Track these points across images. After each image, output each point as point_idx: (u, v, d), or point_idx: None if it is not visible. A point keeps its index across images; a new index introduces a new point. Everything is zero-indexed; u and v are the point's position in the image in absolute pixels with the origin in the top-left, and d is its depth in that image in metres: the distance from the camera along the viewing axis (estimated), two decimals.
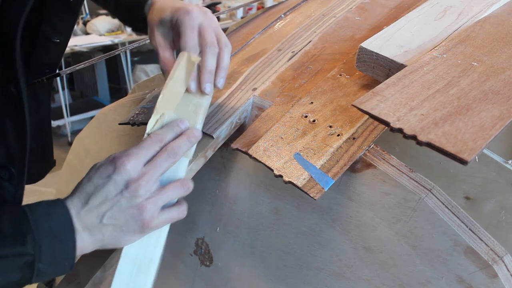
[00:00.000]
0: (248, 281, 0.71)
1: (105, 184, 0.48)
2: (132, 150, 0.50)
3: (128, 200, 0.49)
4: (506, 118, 0.47)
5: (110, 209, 0.48)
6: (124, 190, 0.48)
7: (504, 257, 0.51)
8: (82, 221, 0.48)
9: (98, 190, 0.49)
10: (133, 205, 0.49)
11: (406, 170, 0.54)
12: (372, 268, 0.58)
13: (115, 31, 3.90)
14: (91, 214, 0.48)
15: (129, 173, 0.49)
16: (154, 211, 0.50)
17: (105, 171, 0.49)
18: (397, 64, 0.60)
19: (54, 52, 0.70)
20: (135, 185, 0.48)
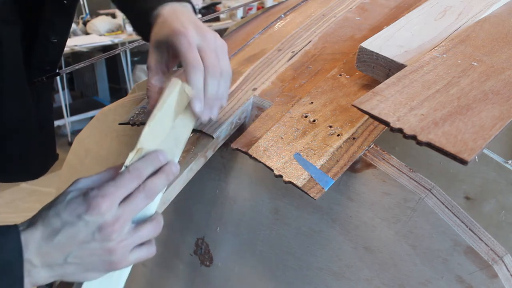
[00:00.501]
0: (248, 281, 0.71)
1: (75, 224, 0.45)
2: (108, 189, 0.46)
3: (100, 243, 0.46)
4: (506, 118, 0.47)
5: (77, 249, 0.45)
6: (96, 233, 0.45)
7: (504, 257, 0.51)
8: (43, 257, 0.45)
9: (66, 228, 0.45)
10: (104, 248, 0.46)
11: (406, 170, 0.54)
12: (372, 268, 0.58)
13: (115, 31, 3.90)
14: (54, 252, 0.45)
15: (103, 217, 0.45)
16: (124, 253, 0.47)
17: (76, 209, 0.45)
18: (397, 64, 0.60)
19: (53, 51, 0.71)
20: (109, 229, 0.45)
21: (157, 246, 0.83)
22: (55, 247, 0.45)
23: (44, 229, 0.45)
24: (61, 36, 0.70)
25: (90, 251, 0.46)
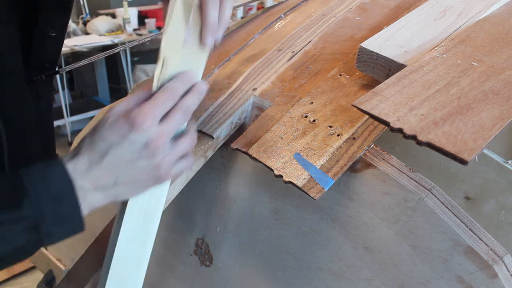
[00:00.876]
0: (248, 281, 0.71)
1: (120, 144, 0.46)
2: (149, 108, 0.47)
3: (146, 160, 0.47)
4: (506, 118, 0.47)
5: (126, 168, 0.47)
6: (142, 150, 0.46)
7: (504, 257, 0.51)
8: (95, 181, 0.46)
9: (113, 149, 0.46)
10: (150, 164, 0.47)
11: (406, 170, 0.54)
12: (372, 268, 0.58)
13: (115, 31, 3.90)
14: (105, 175, 0.46)
15: (147, 134, 0.46)
16: (169, 166, 0.49)
17: (120, 129, 0.46)
18: (397, 64, 0.60)
19: (52, 47, 0.70)
20: (154, 146, 0.47)
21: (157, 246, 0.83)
22: (105, 170, 0.46)
23: (91, 154, 0.46)
24: (59, 31, 0.70)
25: (139, 169, 0.47)
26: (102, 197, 0.47)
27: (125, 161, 0.47)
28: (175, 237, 0.80)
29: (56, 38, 0.70)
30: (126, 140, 0.46)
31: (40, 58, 0.70)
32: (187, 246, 0.79)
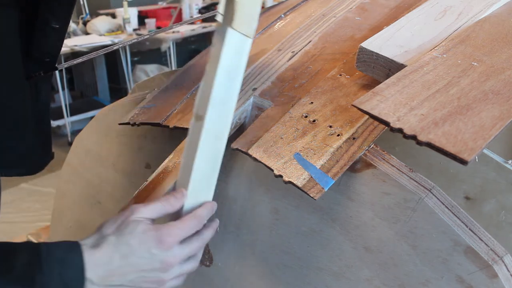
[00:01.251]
0: (248, 281, 0.71)
1: (143, 255, 0.51)
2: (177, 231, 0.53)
3: (157, 274, 0.52)
4: (506, 118, 0.47)
5: (136, 275, 0.51)
6: (158, 265, 0.51)
7: (504, 257, 0.51)
8: (104, 279, 0.49)
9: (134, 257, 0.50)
10: (158, 278, 0.52)
11: (406, 170, 0.54)
12: (372, 268, 0.58)
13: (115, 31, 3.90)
14: (116, 276, 0.50)
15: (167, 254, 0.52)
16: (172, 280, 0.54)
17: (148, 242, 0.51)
18: (397, 64, 0.60)
19: (53, 39, 0.69)
20: (169, 265, 0.52)
21: None
22: (118, 272, 0.50)
23: (113, 253, 0.50)
24: (62, 22, 0.69)
25: (146, 278, 0.52)
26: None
27: (139, 269, 0.51)
28: None
29: (59, 31, 0.69)
30: (148, 253, 0.51)
31: (41, 50, 0.68)
32: None
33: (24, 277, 0.45)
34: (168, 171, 0.65)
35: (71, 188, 1.00)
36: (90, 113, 3.73)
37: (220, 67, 0.57)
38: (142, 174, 0.84)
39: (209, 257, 0.76)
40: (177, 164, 0.65)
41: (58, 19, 0.68)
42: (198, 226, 0.55)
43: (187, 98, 0.75)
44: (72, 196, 1.00)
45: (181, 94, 0.77)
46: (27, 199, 2.54)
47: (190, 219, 0.55)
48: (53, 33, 0.68)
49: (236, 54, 0.59)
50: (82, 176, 0.96)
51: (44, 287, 0.45)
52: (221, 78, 0.58)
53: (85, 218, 0.98)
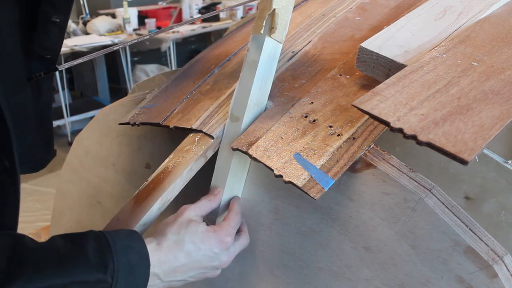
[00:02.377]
0: (248, 281, 0.71)
1: (206, 254, 0.56)
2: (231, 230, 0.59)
3: (214, 269, 0.59)
4: (506, 118, 0.47)
5: (197, 271, 0.56)
6: (216, 262, 0.58)
7: (504, 257, 0.51)
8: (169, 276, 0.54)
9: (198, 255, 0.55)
10: (214, 272, 0.59)
11: (406, 170, 0.54)
12: (372, 268, 0.58)
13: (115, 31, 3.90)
14: (180, 273, 0.55)
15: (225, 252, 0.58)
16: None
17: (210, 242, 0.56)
18: (397, 64, 0.60)
19: (54, 34, 0.69)
20: (225, 262, 0.59)
21: None
22: (182, 269, 0.55)
23: (178, 252, 0.54)
24: (62, 16, 0.69)
25: (204, 274, 0.58)
26: (162, 285, 0.54)
27: (201, 266, 0.56)
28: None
29: (59, 25, 0.69)
30: (211, 252, 0.56)
31: (42, 46, 0.68)
32: None
33: (99, 262, 0.47)
34: (168, 171, 0.65)
35: (71, 188, 1.00)
36: (90, 113, 3.73)
37: (258, 72, 0.63)
38: (142, 174, 0.84)
39: None
40: (177, 164, 0.65)
41: (59, 13, 0.68)
42: (240, 221, 0.63)
43: (187, 98, 0.75)
44: (72, 196, 1.00)
45: (181, 94, 0.77)
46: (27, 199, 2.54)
47: (235, 216, 0.62)
48: (54, 28, 0.68)
49: (270, 59, 0.65)
50: (82, 176, 0.96)
51: (113, 272, 0.48)
52: (258, 82, 0.64)
53: (85, 218, 0.98)
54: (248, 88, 0.63)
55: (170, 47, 4.06)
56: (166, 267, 0.53)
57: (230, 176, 0.64)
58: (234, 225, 0.61)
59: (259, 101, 0.65)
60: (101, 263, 0.48)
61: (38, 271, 0.45)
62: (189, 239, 0.55)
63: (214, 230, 0.58)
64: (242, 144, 0.62)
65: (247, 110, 0.63)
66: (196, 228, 0.57)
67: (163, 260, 0.53)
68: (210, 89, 0.75)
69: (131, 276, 0.49)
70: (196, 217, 0.59)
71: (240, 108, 0.64)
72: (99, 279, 0.47)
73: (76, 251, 0.48)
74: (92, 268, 0.47)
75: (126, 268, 0.49)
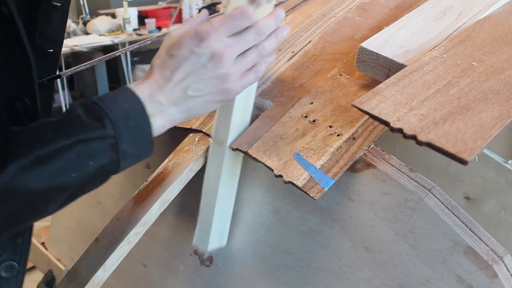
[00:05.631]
0: (248, 281, 0.71)
1: (189, 58, 0.49)
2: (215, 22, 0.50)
3: (212, 71, 0.50)
4: (506, 118, 0.47)
5: (194, 81, 0.50)
6: (208, 62, 0.49)
7: (504, 257, 0.51)
8: (167, 94, 0.49)
9: (182, 64, 0.49)
10: (216, 75, 0.50)
11: (406, 170, 0.54)
12: (372, 268, 0.58)
13: (115, 31, 3.90)
14: (175, 88, 0.50)
15: (212, 46, 0.49)
16: (236, 79, 0.51)
17: (188, 45, 0.49)
18: (397, 64, 0.60)
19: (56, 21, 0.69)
20: (218, 57, 0.49)
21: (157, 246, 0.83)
22: (175, 84, 0.50)
23: (163, 71, 0.50)
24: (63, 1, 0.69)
25: (206, 81, 0.50)
26: (177, 111, 0.50)
27: (193, 73, 0.49)
28: (175, 237, 0.80)
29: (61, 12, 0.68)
30: (194, 54, 0.49)
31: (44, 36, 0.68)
32: (187, 246, 0.78)
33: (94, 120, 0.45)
34: (168, 171, 0.65)
35: None
36: None
37: None
38: (142, 174, 0.84)
39: (209, 257, 0.76)
40: (177, 164, 0.65)
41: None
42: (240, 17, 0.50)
43: None
44: None
45: None
46: None
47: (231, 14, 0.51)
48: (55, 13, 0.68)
49: None
50: None
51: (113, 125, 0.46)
52: (239, 102, 0.60)
53: (85, 218, 0.98)
54: (229, 109, 0.60)
55: None
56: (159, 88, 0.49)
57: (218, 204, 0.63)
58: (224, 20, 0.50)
59: (243, 120, 0.63)
60: (96, 119, 0.46)
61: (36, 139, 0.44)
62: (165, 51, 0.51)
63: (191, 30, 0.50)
64: (242, 144, 0.62)
65: (230, 133, 0.61)
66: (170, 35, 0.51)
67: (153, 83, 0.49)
68: None
69: (130, 121, 0.47)
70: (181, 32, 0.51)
71: (223, 131, 0.61)
72: (101, 133, 0.45)
73: (69, 117, 0.46)
74: (90, 127, 0.45)
75: (122, 115, 0.47)
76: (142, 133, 0.48)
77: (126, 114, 0.47)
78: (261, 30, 0.52)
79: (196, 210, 0.77)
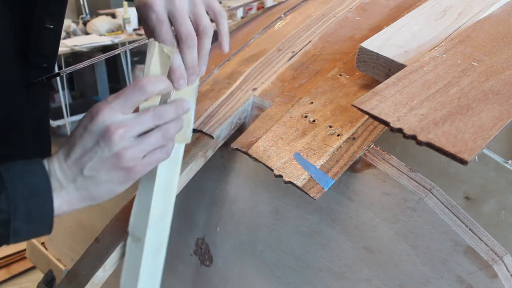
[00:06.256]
0: (248, 281, 0.71)
1: (83, 135, 0.48)
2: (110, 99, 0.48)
3: (104, 149, 0.47)
4: (506, 118, 0.47)
5: (89, 160, 0.47)
6: (100, 140, 0.47)
7: (504, 257, 0.51)
8: (65, 173, 0.47)
9: (77, 141, 0.48)
10: (110, 154, 0.47)
11: (406, 170, 0.54)
12: (372, 268, 0.58)
13: (115, 31, 3.90)
14: (73, 167, 0.48)
15: (104, 124, 0.47)
16: (134, 157, 0.48)
17: (83, 122, 0.48)
18: (397, 64, 0.60)
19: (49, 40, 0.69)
20: (110, 134, 0.47)
21: None
22: (72, 162, 0.48)
23: (64, 148, 0.49)
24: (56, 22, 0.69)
25: (99, 159, 0.47)
26: (77, 193, 0.48)
27: (86, 150, 0.47)
28: (175, 237, 0.80)
29: (54, 32, 0.69)
30: (86, 131, 0.47)
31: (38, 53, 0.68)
32: (187, 246, 0.79)
33: None
34: None
35: None
36: None
37: (157, 181, 0.54)
38: None
39: (209, 257, 0.76)
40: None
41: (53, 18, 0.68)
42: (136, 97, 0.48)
43: None
44: None
45: None
46: None
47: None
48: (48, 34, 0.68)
49: (172, 162, 0.55)
50: None
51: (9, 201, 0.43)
52: (158, 195, 0.55)
53: (85, 218, 0.98)
54: (147, 202, 0.54)
55: None
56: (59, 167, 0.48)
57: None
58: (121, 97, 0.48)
59: (163, 215, 0.56)
60: None
61: None
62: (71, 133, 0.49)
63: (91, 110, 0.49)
64: (242, 144, 0.62)
65: (148, 229, 0.54)
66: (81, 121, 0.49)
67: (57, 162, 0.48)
68: (210, 89, 0.75)
69: (31, 200, 0.45)
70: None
71: (140, 226, 0.55)
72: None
73: None
74: None
75: (23, 192, 0.44)
76: (42, 213, 0.46)
77: (28, 192, 0.45)
78: (159, 114, 0.50)
79: (196, 210, 0.77)
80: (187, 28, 0.54)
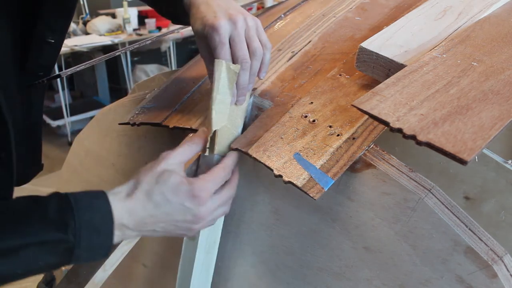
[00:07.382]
0: (248, 281, 0.71)
1: (177, 207, 0.52)
2: (209, 185, 0.54)
3: (188, 224, 0.54)
4: (505, 118, 0.47)
5: (168, 224, 0.53)
6: (190, 217, 0.54)
7: (504, 257, 0.51)
8: (138, 225, 0.52)
9: (167, 207, 0.52)
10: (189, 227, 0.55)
11: (406, 170, 0.54)
12: (372, 268, 0.58)
13: (115, 31, 3.90)
14: (149, 222, 0.52)
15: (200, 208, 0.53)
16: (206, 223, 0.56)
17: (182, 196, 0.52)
18: (397, 64, 0.60)
19: (49, 53, 0.69)
20: (199, 218, 0.54)
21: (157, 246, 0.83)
22: (151, 220, 0.52)
23: (147, 203, 0.52)
24: (58, 36, 0.69)
25: (178, 227, 0.54)
26: (136, 235, 0.53)
27: (171, 219, 0.53)
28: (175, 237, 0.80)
29: (54, 45, 0.69)
30: (182, 206, 0.53)
31: (36, 64, 0.69)
32: None
33: (58, 221, 0.46)
34: None
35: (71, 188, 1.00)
36: (90, 113, 3.73)
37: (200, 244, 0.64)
38: None
39: None
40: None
41: (54, 34, 0.68)
42: (226, 177, 0.57)
43: (187, 98, 0.75)
44: None
45: (181, 94, 0.77)
46: None
47: (218, 171, 0.56)
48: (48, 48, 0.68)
49: None
50: (82, 176, 0.96)
51: (75, 230, 0.46)
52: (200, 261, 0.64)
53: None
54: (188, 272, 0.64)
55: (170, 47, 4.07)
56: (135, 217, 0.51)
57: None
58: (214, 179, 0.55)
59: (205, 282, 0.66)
60: (62, 221, 0.46)
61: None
62: (159, 190, 0.52)
63: (190, 182, 0.53)
64: (242, 144, 0.62)
65: None
66: (168, 178, 0.53)
67: (132, 210, 0.51)
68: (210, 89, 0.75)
69: (94, 235, 0.48)
70: (174, 165, 0.54)
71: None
72: (60, 238, 0.46)
73: (36, 210, 0.47)
74: (51, 226, 0.46)
75: (89, 226, 0.47)
76: (101, 244, 0.49)
77: (92, 228, 0.48)
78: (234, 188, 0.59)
79: None
80: (244, 53, 0.60)
